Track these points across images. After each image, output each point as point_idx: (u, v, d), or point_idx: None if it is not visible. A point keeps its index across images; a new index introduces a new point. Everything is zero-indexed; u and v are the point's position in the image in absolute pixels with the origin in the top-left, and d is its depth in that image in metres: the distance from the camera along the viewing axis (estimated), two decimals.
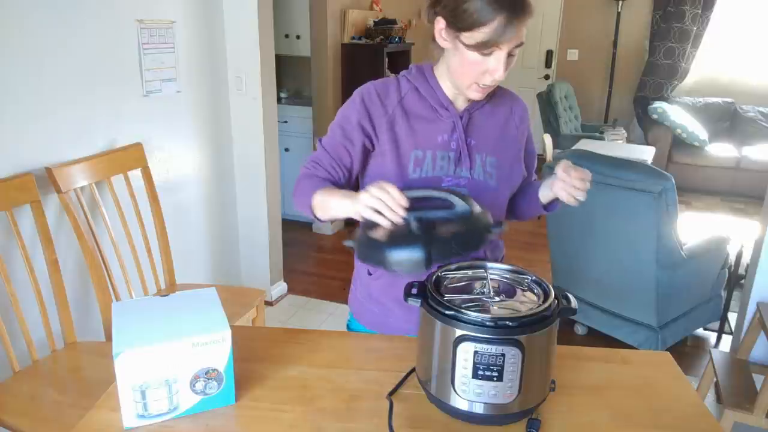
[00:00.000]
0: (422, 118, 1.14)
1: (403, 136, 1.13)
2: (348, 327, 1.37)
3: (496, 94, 1.20)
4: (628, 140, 5.69)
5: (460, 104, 1.16)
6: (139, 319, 0.94)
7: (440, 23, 1.05)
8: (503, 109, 1.21)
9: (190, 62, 2.54)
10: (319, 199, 1.07)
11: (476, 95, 1.09)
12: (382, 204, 0.92)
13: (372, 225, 0.96)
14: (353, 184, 1.20)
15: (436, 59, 1.15)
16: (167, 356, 0.89)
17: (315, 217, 1.10)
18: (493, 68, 1.03)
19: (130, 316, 0.95)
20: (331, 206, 1.04)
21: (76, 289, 2.06)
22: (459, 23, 1.00)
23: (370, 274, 1.25)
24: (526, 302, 0.93)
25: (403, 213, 0.92)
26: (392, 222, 0.92)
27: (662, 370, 1.10)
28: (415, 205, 0.95)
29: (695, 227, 4.53)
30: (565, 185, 1.06)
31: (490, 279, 1.00)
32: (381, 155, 1.15)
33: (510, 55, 1.03)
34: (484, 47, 1.00)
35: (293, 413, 0.95)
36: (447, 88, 1.15)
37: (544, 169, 2.87)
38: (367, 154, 1.17)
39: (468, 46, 1.01)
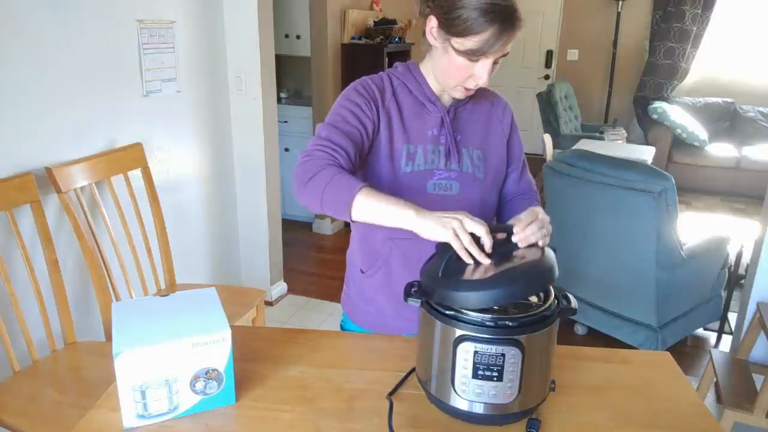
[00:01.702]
0: (412, 112, 1.16)
1: (396, 130, 1.15)
2: (342, 328, 1.37)
3: (477, 92, 1.22)
4: (628, 140, 5.69)
5: (446, 100, 1.19)
6: (139, 319, 0.94)
7: (432, 22, 1.07)
8: (485, 104, 1.25)
9: (190, 62, 2.54)
10: (365, 201, 0.96)
11: (459, 95, 1.13)
12: (473, 245, 0.89)
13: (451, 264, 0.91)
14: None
15: (424, 54, 1.18)
16: (167, 356, 0.89)
17: (344, 215, 0.98)
18: (478, 74, 1.07)
19: (130, 316, 0.95)
20: (386, 213, 0.95)
21: (76, 289, 2.06)
22: (451, 28, 1.02)
23: (363, 272, 1.25)
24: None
25: (488, 261, 0.90)
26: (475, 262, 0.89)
27: (662, 370, 1.10)
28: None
29: (695, 227, 4.53)
30: (526, 241, 1.00)
31: None
32: (374, 148, 1.15)
33: (495, 62, 1.07)
34: (472, 54, 1.03)
35: (293, 413, 0.95)
36: (433, 84, 1.17)
37: (544, 168, 2.87)
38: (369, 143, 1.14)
39: (457, 51, 1.04)
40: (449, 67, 1.07)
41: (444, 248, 0.93)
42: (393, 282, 1.20)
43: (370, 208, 0.96)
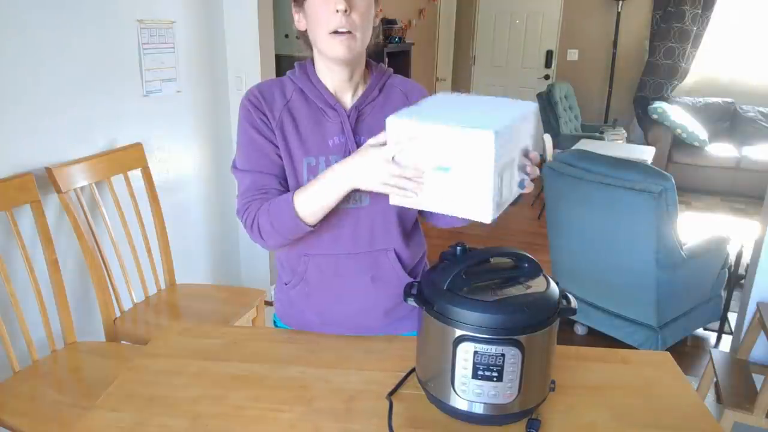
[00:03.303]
0: (311, 121, 1.10)
1: (293, 144, 1.09)
2: (275, 324, 1.33)
3: (387, 83, 1.16)
4: (628, 140, 5.69)
5: (348, 101, 1.13)
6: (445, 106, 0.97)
7: (294, 9, 1.09)
8: (398, 96, 1.16)
9: (190, 62, 2.54)
10: (302, 202, 1.00)
11: (338, 49, 1.03)
12: (403, 180, 0.90)
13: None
14: None
15: (312, 55, 1.13)
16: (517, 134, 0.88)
17: (305, 226, 1.03)
18: (333, 3, 0.99)
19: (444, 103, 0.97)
20: (326, 195, 0.99)
21: (76, 289, 2.06)
22: None
23: (285, 284, 1.23)
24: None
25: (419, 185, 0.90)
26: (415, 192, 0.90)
27: (662, 370, 1.10)
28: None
29: (695, 227, 4.53)
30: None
31: None
32: None
33: None
34: None
35: (293, 413, 0.95)
36: (329, 82, 1.11)
37: (544, 168, 2.87)
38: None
39: None
40: (312, 21, 1.04)
41: (452, 260, 0.94)
42: (312, 293, 1.19)
43: (312, 204, 1.01)
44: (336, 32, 1.02)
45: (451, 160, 0.86)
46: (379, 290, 1.17)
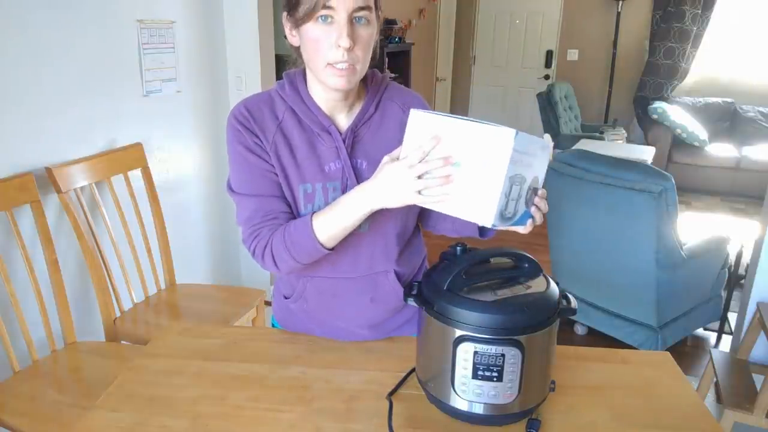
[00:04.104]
0: (306, 145, 1.05)
1: (289, 169, 1.04)
2: (272, 325, 1.31)
3: (383, 97, 1.11)
4: (628, 140, 5.69)
5: (342, 122, 1.07)
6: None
7: (287, 23, 1.01)
8: (394, 111, 1.11)
9: (190, 62, 2.54)
10: (322, 223, 0.97)
11: (337, 81, 0.97)
12: (429, 178, 0.86)
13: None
14: None
15: (304, 66, 1.07)
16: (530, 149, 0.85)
17: (324, 249, 0.99)
18: (336, 36, 0.94)
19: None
20: (346, 220, 0.95)
21: (76, 289, 2.06)
22: (292, 10, 0.97)
23: (285, 298, 1.21)
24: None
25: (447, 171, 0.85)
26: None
27: (662, 370, 1.10)
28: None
29: (695, 227, 4.53)
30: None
31: None
32: None
33: (356, 21, 0.95)
34: (313, 11, 0.93)
35: (293, 413, 0.95)
36: (323, 101, 1.05)
37: None
38: None
39: (304, 20, 0.95)
40: (310, 48, 0.97)
41: (452, 260, 0.94)
42: (311, 311, 1.18)
43: (332, 228, 0.97)
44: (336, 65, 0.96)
45: (466, 157, 0.84)
46: (379, 308, 1.16)
